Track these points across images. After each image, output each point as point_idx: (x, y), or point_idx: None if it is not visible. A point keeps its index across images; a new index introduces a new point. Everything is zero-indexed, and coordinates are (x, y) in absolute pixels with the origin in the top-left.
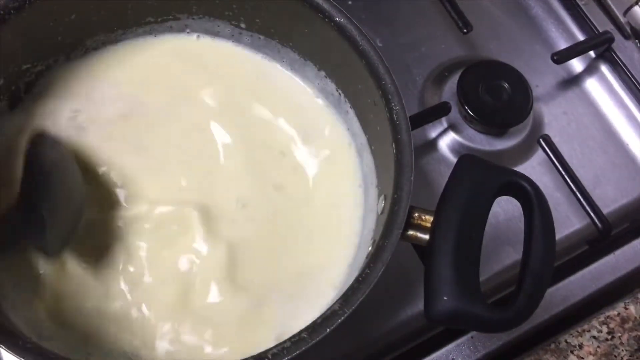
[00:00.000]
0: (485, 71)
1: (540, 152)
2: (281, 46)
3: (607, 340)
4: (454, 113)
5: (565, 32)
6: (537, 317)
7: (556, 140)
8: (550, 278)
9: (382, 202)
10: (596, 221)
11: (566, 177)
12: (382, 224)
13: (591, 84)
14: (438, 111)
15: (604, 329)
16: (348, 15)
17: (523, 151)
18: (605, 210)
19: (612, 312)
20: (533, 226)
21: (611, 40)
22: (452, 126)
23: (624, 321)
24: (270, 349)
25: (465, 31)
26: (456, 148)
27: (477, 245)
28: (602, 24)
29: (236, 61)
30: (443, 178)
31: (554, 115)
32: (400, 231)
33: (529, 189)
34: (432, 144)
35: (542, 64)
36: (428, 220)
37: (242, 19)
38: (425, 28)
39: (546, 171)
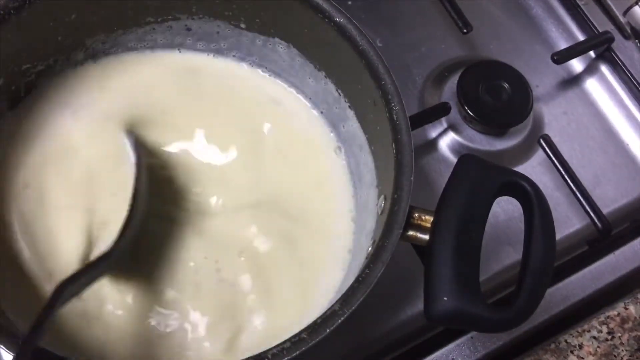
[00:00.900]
0: (485, 71)
1: (540, 152)
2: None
3: (607, 340)
4: (454, 113)
5: (565, 32)
6: (537, 317)
7: (556, 140)
8: (550, 278)
9: (382, 202)
10: (596, 221)
11: (566, 177)
12: (382, 224)
13: (591, 84)
14: (438, 111)
15: (604, 329)
16: (348, 15)
17: (523, 151)
18: (605, 210)
19: (612, 312)
20: (533, 226)
21: (611, 40)
22: (452, 126)
23: (624, 321)
24: (270, 349)
25: (465, 31)
26: (456, 148)
27: (477, 245)
28: (602, 24)
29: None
30: (443, 178)
31: (554, 115)
32: (400, 231)
33: (529, 189)
34: (432, 144)
35: (542, 64)
36: (428, 220)
37: (242, 19)
38: (425, 28)
39: (546, 171)
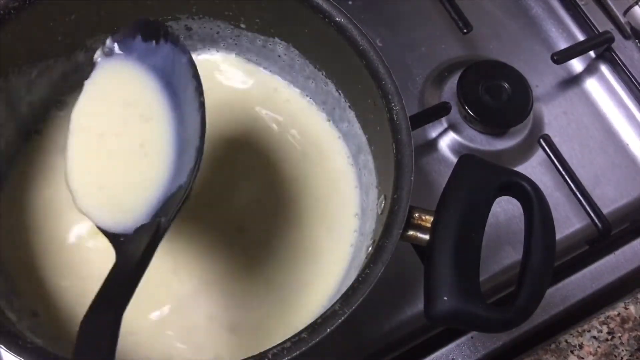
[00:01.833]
0: (485, 71)
1: (540, 152)
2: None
3: (607, 340)
4: (454, 113)
5: (565, 32)
6: (537, 317)
7: (556, 140)
8: (550, 278)
9: (382, 202)
10: (596, 221)
11: (566, 177)
12: (382, 224)
13: (591, 84)
14: (438, 111)
15: (604, 329)
16: (348, 15)
17: (523, 151)
18: (605, 210)
19: (612, 312)
20: (533, 226)
21: (611, 40)
22: (452, 126)
23: (624, 321)
24: (270, 349)
25: (465, 31)
26: (456, 148)
27: (477, 245)
28: (602, 24)
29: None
30: (443, 178)
31: (554, 115)
32: (400, 231)
33: (529, 189)
34: (432, 144)
35: (542, 64)
36: (428, 220)
37: (242, 19)
38: (425, 28)
39: (546, 171)
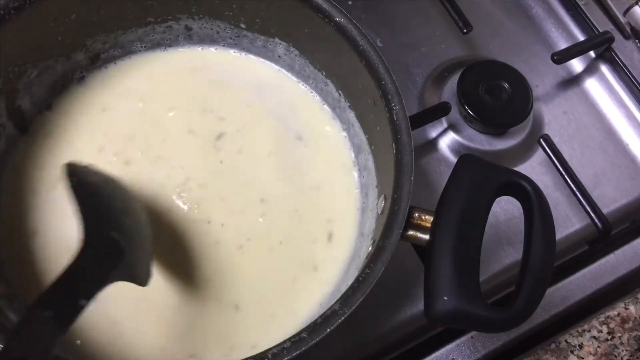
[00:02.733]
0: (485, 71)
1: (540, 152)
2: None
3: (607, 340)
4: (454, 113)
5: (565, 32)
6: (537, 317)
7: (556, 140)
8: (550, 278)
9: (382, 202)
10: (596, 221)
11: (566, 177)
12: (382, 224)
13: (591, 84)
14: (438, 111)
15: (604, 329)
16: (348, 15)
17: (523, 151)
18: (605, 210)
19: (612, 312)
20: (533, 226)
21: (611, 40)
22: (452, 126)
23: (624, 321)
24: (270, 349)
25: (465, 31)
26: (456, 148)
27: (477, 245)
28: (602, 24)
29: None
30: (443, 178)
31: (554, 115)
32: (400, 231)
33: (529, 189)
34: (432, 144)
35: (542, 64)
36: (428, 220)
37: (242, 19)
38: (425, 28)
39: (546, 171)
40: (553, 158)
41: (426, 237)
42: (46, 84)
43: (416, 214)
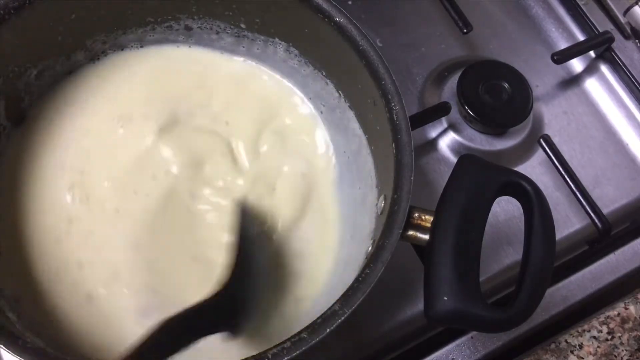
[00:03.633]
0: (485, 71)
1: (540, 152)
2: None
3: (607, 340)
4: (454, 113)
5: (565, 32)
6: (537, 317)
7: (556, 140)
8: (550, 278)
9: (382, 202)
10: (596, 221)
11: (566, 177)
12: (382, 224)
13: (591, 84)
14: (438, 111)
15: (604, 329)
16: (348, 15)
17: (523, 151)
18: (605, 210)
19: (612, 312)
20: (533, 226)
21: (611, 40)
22: (452, 126)
23: (624, 321)
24: (270, 349)
25: (465, 31)
26: (456, 148)
27: (477, 245)
28: (602, 24)
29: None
30: (443, 178)
31: (554, 115)
32: (400, 231)
33: (529, 189)
34: (432, 144)
35: (542, 64)
36: (428, 220)
37: (242, 19)
38: (425, 28)
39: (546, 171)
40: (553, 158)
41: (426, 237)
42: (46, 84)
43: (416, 214)
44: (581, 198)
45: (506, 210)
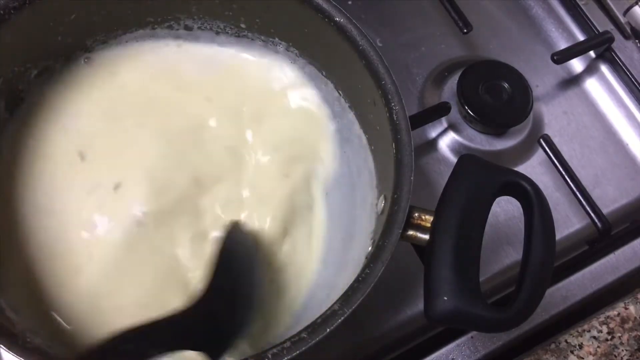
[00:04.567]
0: (485, 71)
1: (540, 152)
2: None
3: (607, 340)
4: (454, 113)
5: (565, 32)
6: (537, 317)
7: (556, 140)
8: (550, 278)
9: (382, 202)
10: (596, 221)
11: (566, 177)
12: (382, 224)
13: (591, 84)
14: (438, 111)
15: (604, 329)
16: (348, 15)
17: (523, 151)
18: (605, 210)
19: (612, 312)
20: (533, 226)
21: (611, 40)
22: (452, 126)
23: (624, 321)
24: (270, 349)
25: (465, 31)
26: (456, 148)
27: (477, 245)
28: (602, 24)
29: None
30: (443, 178)
31: (554, 115)
32: (400, 231)
33: (529, 189)
34: (432, 144)
35: (542, 64)
36: (428, 220)
37: (242, 19)
38: (425, 28)
39: (546, 171)
40: (553, 158)
41: (426, 237)
42: (46, 84)
43: (416, 214)
44: (581, 198)
45: (506, 210)
